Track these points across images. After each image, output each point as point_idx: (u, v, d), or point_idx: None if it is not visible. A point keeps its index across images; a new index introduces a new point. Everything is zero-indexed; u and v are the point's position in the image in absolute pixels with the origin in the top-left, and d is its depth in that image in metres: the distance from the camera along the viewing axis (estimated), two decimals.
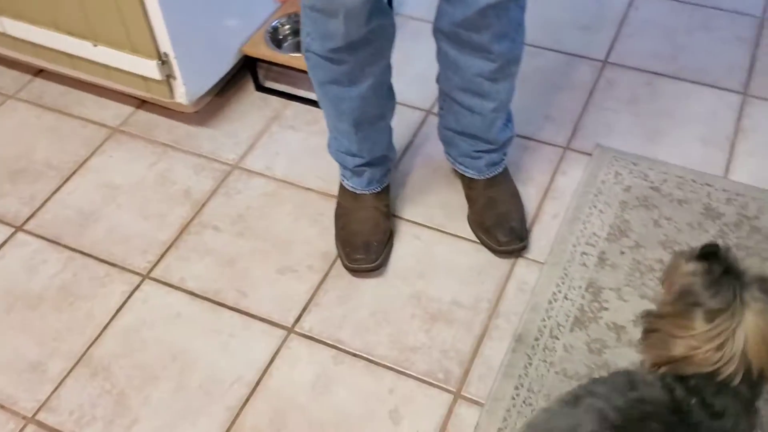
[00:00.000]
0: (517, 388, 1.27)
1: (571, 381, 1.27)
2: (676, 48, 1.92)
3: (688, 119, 1.74)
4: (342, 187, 1.54)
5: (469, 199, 1.54)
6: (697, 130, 1.71)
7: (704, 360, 0.88)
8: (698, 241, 1.46)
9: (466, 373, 1.31)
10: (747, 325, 0.87)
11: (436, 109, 1.65)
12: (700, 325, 0.88)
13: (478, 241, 1.49)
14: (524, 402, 1.26)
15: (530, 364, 1.30)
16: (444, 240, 1.52)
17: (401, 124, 1.69)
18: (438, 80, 1.43)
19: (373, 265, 1.44)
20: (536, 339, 1.34)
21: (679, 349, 0.90)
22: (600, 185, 1.59)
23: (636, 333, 1.28)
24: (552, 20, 2.01)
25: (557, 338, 1.34)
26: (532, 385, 1.28)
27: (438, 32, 1.31)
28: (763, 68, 1.85)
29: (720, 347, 0.87)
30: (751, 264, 0.98)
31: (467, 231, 1.52)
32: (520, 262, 1.47)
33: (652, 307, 1.14)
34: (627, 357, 1.30)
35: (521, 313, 1.38)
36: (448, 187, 1.60)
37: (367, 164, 1.46)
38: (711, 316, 0.87)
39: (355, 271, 1.45)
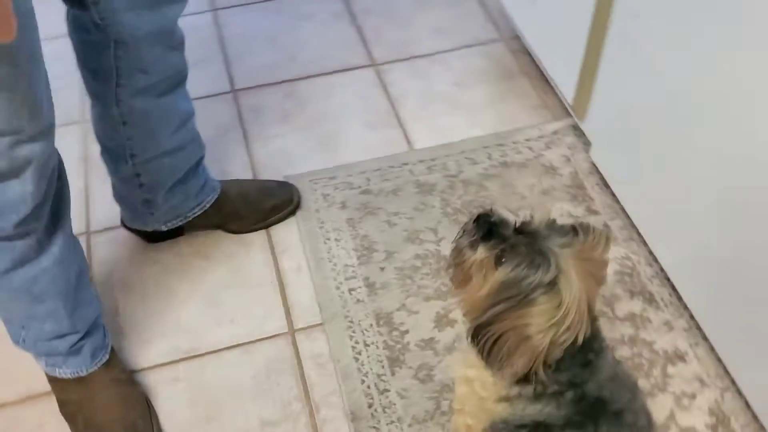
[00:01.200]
0: None
1: (428, 423, 1.17)
2: (288, 49, 1.85)
3: (345, 111, 1.70)
4: (56, 380, 1.19)
5: None
6: (360, 118, 1.68)
7: (570, 333, 0.83)
8: (433, 219, 1.44)
9: None
10: (573, 282, 0.83)
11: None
12: (546, 301, 0.81)
13: (244, 340, 1.28)
14: None
15: None
16: (206, 363, 1.27)
17: None
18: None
19: None
20: (369, 405, 1.20)
21: (541, 340, 0.83)
22: (318, 215, 1.47)
23: (443, 335, 1.23)
24: None
25: (387, 390, 1.22)
26: None
27: None
28: (371, 33, 1.89)
29: (575, 309, 0.83)
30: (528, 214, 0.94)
31: (223, 334, 1.30)
32: (300, 336, 1.30)
33: (439, 302, 1.07)
34: (451, 365, 1.24)
35: (337, 389, 1.22)
36: (157, 289, 1.35)
37: (86, 335, 1.14)
38: (550, 287, 0.82)
39: None
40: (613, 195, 1.45)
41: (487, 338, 0.85)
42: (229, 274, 1.39)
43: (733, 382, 1.19)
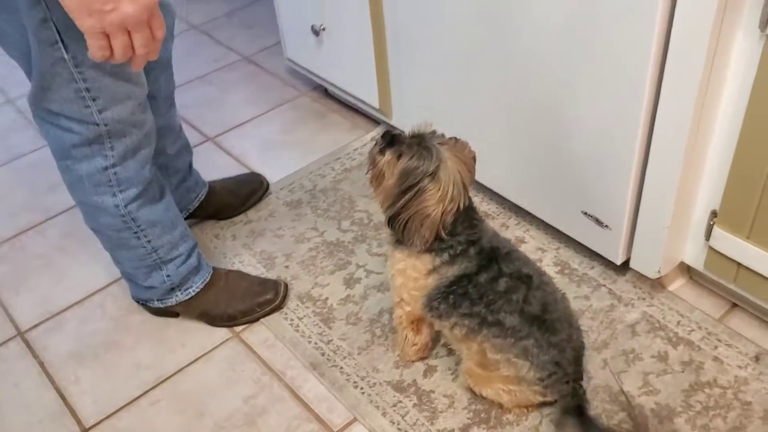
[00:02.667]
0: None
1: (372, 347, 1.47)
2: None
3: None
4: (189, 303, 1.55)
5: None
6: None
7: (454, 203, 1.21)
8: (310, 222, 1.78)
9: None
10: (450, 166, 1.22)
11: None
12: (432, 186, 1.18)
13: (200, 354, 1.51)
14: None
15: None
16: (176, 380, 1.47)
17: None
18: None
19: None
20: (322, 354, 1.48)
21: (436, 213, 1.19)
22: (216, 251, 1.74)
23: (355, 290, 1.62)
24: None
25: (331, 340, 1.50)
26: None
27: None
28: (197, 120, 2.21)
29: (452, 187, 1.21)
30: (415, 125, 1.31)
31: (180, 357, 1.51)
32: (244, 335, 1.54)
33: (341, 272, 1.38)
34: (380, 303, 1.55)
35: (292, 355, 1.48)
36: (107, 349, 1.53)
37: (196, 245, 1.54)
38: (433, 176, 1.19)
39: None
40: None
41: (400, 223, 1.21)
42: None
43: (560, 241, 1.64)
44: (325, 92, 2.25)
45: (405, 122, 1.89)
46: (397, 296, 1.34)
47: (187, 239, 1.46)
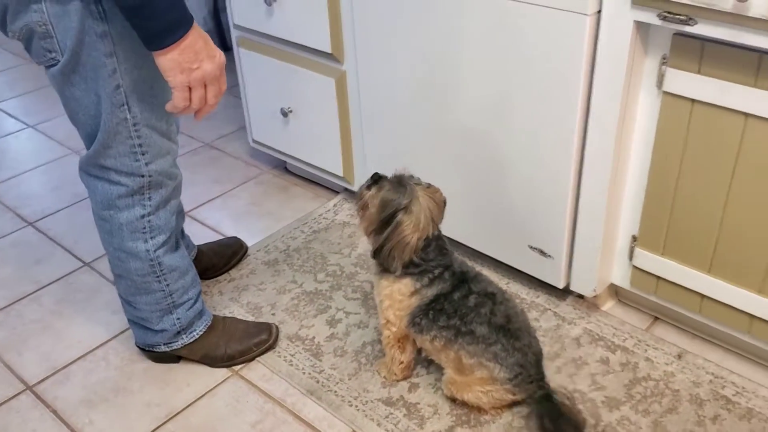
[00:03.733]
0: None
1: (360, 373, 1.68)
2: None
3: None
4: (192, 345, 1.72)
5: None
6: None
7: (424, 232, 1.48)
8: (289, 276, 2.00)
9: None
10: (422, 201, 1.49)
11: None
12: (408, 218, 1.46)
13: (205, 391, 1.68)
14: None
15: None
16: (187, 414, 1.63)
17: None
18: None
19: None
20: (317, 381, 1.68)
21: (412, 240, 1.46)
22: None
23: (338, 329, 1.87)
24: None
25: (322, 370, 1.71)
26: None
27: None
28: None
29: (423, 218, 1.49)
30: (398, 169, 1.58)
31: (187, 395, 1.67)
32: (243, 372, 1.72)
33: (324, 315, 1.59)
34: (362, 338, 1.77)
35: (289, 385, 1.68)
36: (116, 395, 1.68)
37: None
38: (407, 208, 1.45)
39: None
40: None
41: (384, 254, 1.47)
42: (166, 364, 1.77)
43: (509, 276, 1.92)
44: (285, 169, 2.52)
45: None
46: (384, 318, 1.57)
47: (195, 285, 1.66)
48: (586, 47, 1.47)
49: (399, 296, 1.53)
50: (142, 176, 1.41)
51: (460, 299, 1.51)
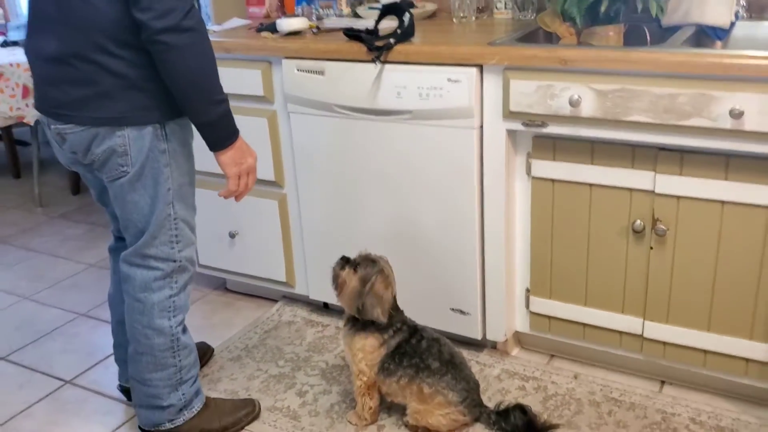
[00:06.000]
0: None
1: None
2: None
3: None
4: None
5: None
6: None
7: (394, 288, 1.96)
8: (251, 367, 2.35)
9: None
10: (387, 265, 1.97)
11: None
12: (382, 277, 1.93)
13: None
14: None
15: None
16: None
17: None
18: None
19: None
20: None
21: (387, 294, 1.93)
22: None
23: (306, 396, 2.23)
24: None
25: None
26: None
27: None
28: None
29: (393, 279, 1.97)
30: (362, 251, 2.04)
31: None
32: None
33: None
34: (329, 401, 2.14)
35: None
36: None
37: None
38: (381, 271, 1.93)
39: None
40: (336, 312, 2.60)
41: (367, 310, 1.92)
42: None
43: None
44: (225, 288, 2.90)
45: (306, 287, 2.61)
46: (358, 370, 1.99)
47: (197, 364, 2.00)
48: (475, 150, 2.08)
49: (370, 349, 1.97)
50: (174, 261, 1.81)
51: (416, 344, 1.97)
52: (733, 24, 2.09)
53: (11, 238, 3.53)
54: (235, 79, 2.40)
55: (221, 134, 1.72)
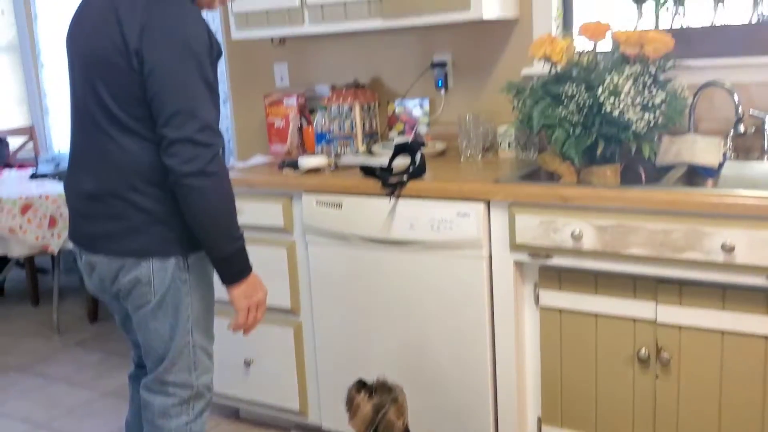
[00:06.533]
0: None
1: None
2: None
3: None
4: None
5: None
6: None
7: (407, 417, 2.00)
8: None
9: None
10: (402, 394, 2.03)
11: None
12: (395, 407, 1.98)
13: None
14: None
15: None
16: None
17: None
18: None
19: None
20: None
21: (398, 425, 1.97)
22: None
23: None
24: None
25: None
26: None
27: None
28: None
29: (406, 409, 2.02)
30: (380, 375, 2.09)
31: None
32: None
33: None
34: None
35: None
36: None
37: None
38: (396, 399, 1.99)
39: None
40: None
41: None
42: None
43: None
44: (238, 417, 2.93)
45: (318, 416, 2.64)
46: None
47: None
48: (485, 280, 2.19)
49: None
50: (192, 387, 1.87)
51: None
52: (721, 164, 2.25)
53: (28, 365, 3.59)
54: (256, 211, 2.56)
55: (235, 269, 1.81)
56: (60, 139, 5.08)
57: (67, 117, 1.89)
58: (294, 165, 2.61)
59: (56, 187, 3.89)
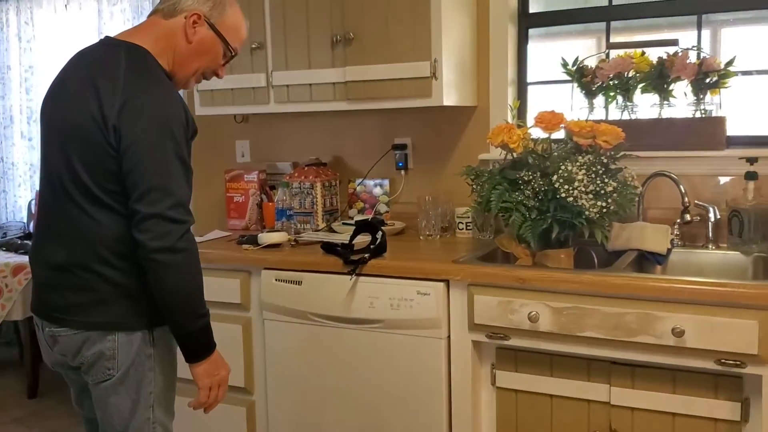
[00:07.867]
0: None
1: None
2: None
3: None
4: None
5: None
6: None
7: None
8: None
9: None
10: None
11: None
12: None
13: None
14: None
15: None
16: None
17: None
18: None
19: None
20: None
21: None
22: None
23: None
24: None
25: None
26: None
27: None
28: None
29: None
30: None
31: None
32: None
33: None
34: None
35: None
36: None
37: None
38: None
39: None
40: None
41: None
42: None
43: None
44: None
45: None
46: None
47: None
48: (443, 360, 2.20)
49: None
50: None
51: None
52: (669, 250, 2.35)
53: None
54: (213, 287, 2.52)
55: (199, 346, 1.79)
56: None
57: (8, 185, 1.88)
58: (253, 241, 2.62)
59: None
